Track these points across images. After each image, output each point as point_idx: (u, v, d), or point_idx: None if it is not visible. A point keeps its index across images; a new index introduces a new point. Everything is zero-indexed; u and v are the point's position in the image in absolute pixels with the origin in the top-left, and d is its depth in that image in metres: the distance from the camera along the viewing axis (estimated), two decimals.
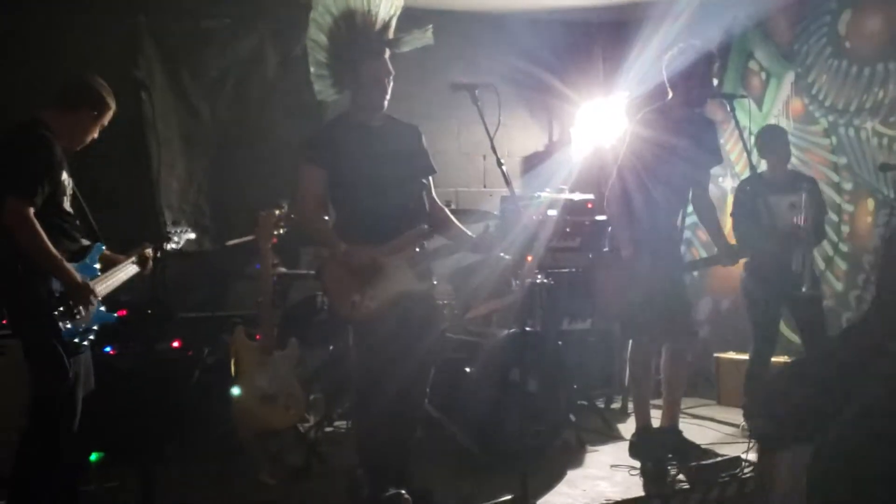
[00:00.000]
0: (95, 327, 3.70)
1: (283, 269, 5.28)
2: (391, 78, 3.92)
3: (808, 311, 5.33)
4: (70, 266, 3.53)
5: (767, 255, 4.93)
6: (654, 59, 5.85)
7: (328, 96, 4.06)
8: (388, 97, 3.94)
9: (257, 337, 4.65)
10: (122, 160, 5.29)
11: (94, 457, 4.46)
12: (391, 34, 3.95)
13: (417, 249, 3.92)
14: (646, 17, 6.56)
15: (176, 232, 4.37)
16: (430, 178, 4.13)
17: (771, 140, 5.36)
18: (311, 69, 3.98)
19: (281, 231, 4.82)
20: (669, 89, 4.65)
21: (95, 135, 3.85)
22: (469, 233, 4.09)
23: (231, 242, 5.16)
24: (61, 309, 3.51)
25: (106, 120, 3.84)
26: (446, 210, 4.20)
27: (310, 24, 3.92)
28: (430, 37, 4.02)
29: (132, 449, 4.18)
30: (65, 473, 3.64)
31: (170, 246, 4.24)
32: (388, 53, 3.93)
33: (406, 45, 4.01)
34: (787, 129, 6.28)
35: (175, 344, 5.19)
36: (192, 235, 4.49)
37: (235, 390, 4.54)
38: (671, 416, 4.77)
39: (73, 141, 3.77)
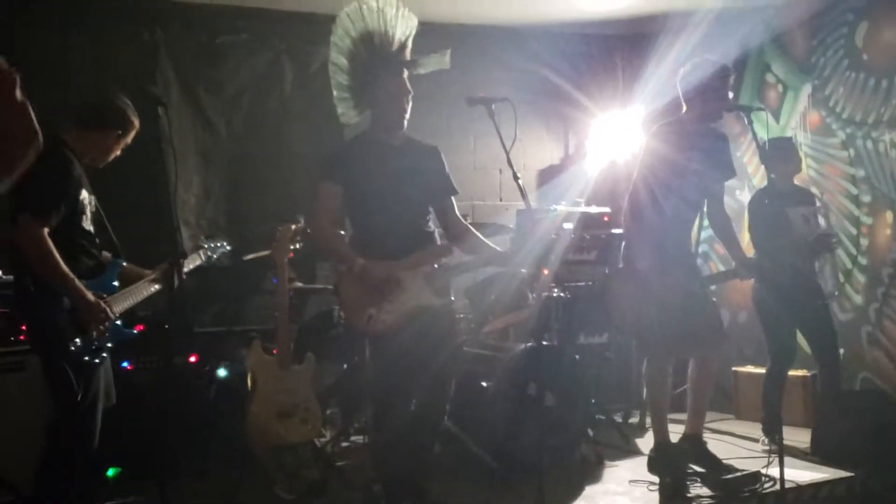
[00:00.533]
0: (110, 345, 3.68)
1: (299, 284, 5.30)
2: (410, 97, 3.95)
3: (818, 319, 5.32)
4: (81, 285, 3.52)
5: (785, 266, 4.90)
6: (671, 72, 5.84)
7: (351, 118, 4.10)
8: (407, 116, 3.96)
9: (274, 351, 4.66)
10: (138, 175, 5.30)
11: (111, 472, 4.47)
12: (408, 54, 3.99)
13: (436, 266, 3.93)
14: (663, 29, 6.55)
15: (211, 247, 4.39)
16: (453, 197, 4.14)
17: (776, 152, 5.32)
18: (334, 92, 4.04)
19: (297, 246, 4.84)
20: (684, 103, 4.65)
21: (118, 152, 3.87)
22: (496, 247, 4.08)
23: (248, 257, 5.17)
24: (72, 327, 3.50)
25: (130, 139, 3.86)
26: (470, 227, 4.20)
27: (330, 48, 3.98)
28: (447, 61, 4.06)
29: (150, 463, 4.20)
30: (80, 491, 3.63)
31: (197, 263, 4.26)
32: (406, 74, 3.96)
33: (423, 67, 4.06)
34: (804, 141, 6.27)
35: (192, 359, 5.20)
36: (229, 248, 4.51)
37: (252, 405, 4.55)
38: (695, 424, 4.73)
39: (95, 160, 3.79)
